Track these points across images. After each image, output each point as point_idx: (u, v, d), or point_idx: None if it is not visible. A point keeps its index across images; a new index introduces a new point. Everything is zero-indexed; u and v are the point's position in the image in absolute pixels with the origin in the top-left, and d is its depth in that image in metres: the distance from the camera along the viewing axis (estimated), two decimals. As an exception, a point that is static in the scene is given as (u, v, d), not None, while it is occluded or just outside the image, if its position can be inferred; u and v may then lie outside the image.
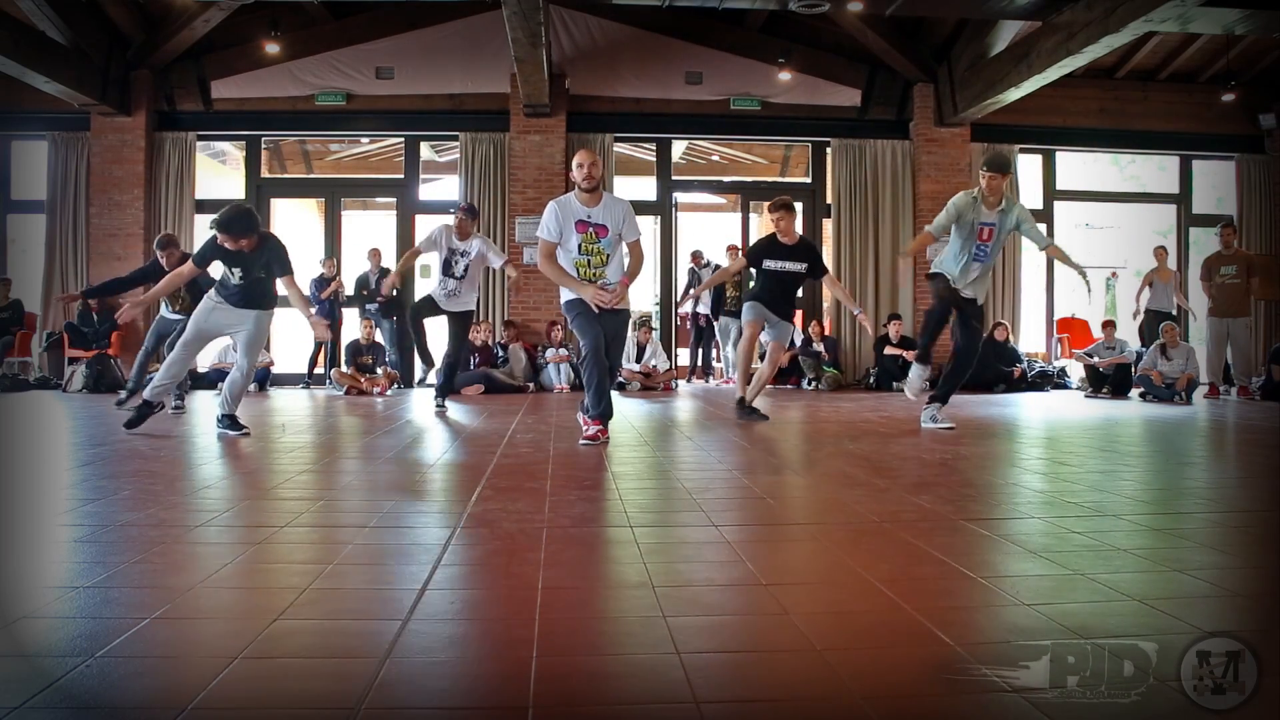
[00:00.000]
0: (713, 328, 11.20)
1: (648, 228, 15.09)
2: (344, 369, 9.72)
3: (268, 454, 4.80)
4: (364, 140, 12.65)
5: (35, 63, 8.97)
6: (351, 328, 10.45)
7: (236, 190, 11.53)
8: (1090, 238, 13.52)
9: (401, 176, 11.43)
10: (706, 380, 11.22)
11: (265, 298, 5.41)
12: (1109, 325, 10.17)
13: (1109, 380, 9.77)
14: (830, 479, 4.01)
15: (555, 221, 4.84)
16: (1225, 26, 8.46)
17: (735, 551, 2.53)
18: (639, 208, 12.08)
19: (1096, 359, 9.94)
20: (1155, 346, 9.45)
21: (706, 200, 15.21)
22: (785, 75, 10.88)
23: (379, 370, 9.77)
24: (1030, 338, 11.73)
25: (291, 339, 10.88)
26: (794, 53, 10.90)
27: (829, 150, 11.34)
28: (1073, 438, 5.62)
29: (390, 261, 10.94)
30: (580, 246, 4.81)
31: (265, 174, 11.37)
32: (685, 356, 11.80)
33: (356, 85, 10.83)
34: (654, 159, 11.63)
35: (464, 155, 10.89)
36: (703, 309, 11.34)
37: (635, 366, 10.31)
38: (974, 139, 11.19)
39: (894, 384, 10.39)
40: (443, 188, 13.42)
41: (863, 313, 6.88)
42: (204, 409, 7.30)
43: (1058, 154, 11.70)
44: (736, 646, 1.82)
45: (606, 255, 4.89)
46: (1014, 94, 9.92)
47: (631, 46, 10.90)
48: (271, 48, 10.26)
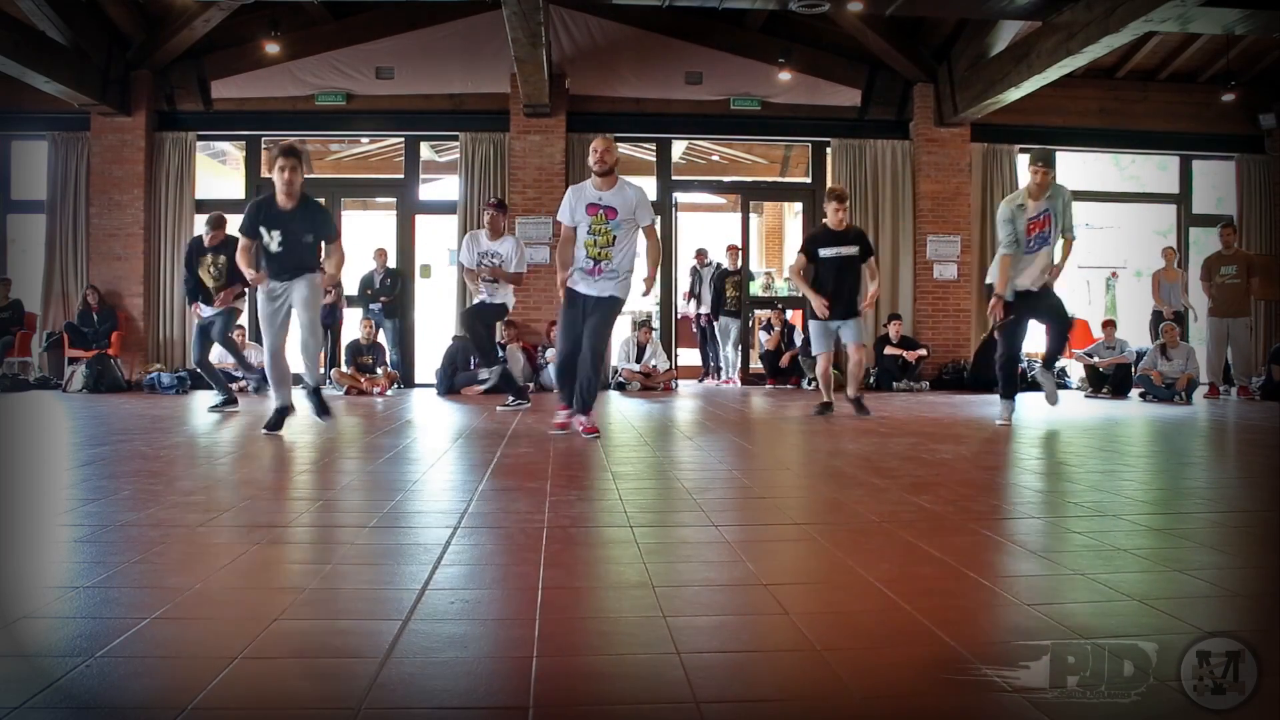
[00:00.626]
0: (714, 328, 11.19)
1: (647, 228, 15.12)
2: (344, 369, 9.73)
3: (268, 454, 4.80)
4: (364, 140, 12.66)
5: (35, 63, 8.97)
6: (352, 328, 10.45)
7: (237, 190, 11.53)
8: (1090, 238, 13.51)
9: (401, 176, 11.43)
10: (716, 380, 11.21)
11: (306, 263, 5.33)
12: (1109, 325, 10.18)
13: (1109, 380, 9.78)
14: (830, 479, 4.01)
15: (569, 206, 5.12)
16: (1225, 26, 8.46)
17: (735, 551, 2.53)
18: (639, 208, 12.14)
19: (1096, 359, 9.95)
20: (1155, 346, 9.46)
21: (706, 200, 15.21)
22: (785, 75, 10.88)
23: (379, 370, 9.78)
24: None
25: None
26: (794, 53, 10.90)
27: (829, 150, 11.33)
28: (1073, 438, 5.62)
29: (394, 261, 10.95)
30: (590, 227, 5.01)
31: (265, 174, 11.35)
32: (693, 357, 11.78)
33: (356, 85, 10.83)
34: (654, 159, 11.63)
35: (464, 155, 10.88)
36: (703, 309, 11.34)
37: (635, 366, 10.31)
38: (974, 139, 11.19)
39: (894, 384, 10.39)
40: (443, 188, 13.43)
41: (868, 304, 7.03)
42: (206, 409, 7.30)
43: (1058, 154, 11.64)
44: (736, 646, 1.82)
45: (614, 236, 5.05)
46: (1014, 94, 9.92)
47: (631, 46, 10.90)
48: (271, 48, 10.26)
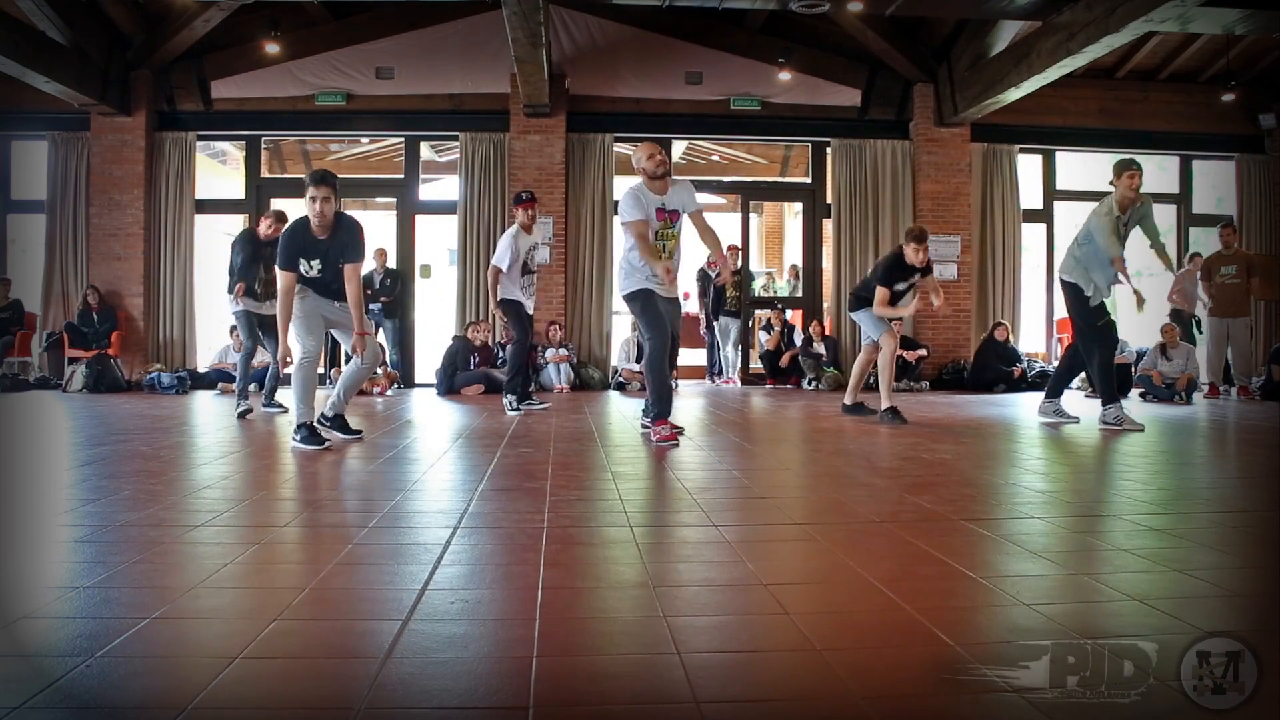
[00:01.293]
0: (714, 328, 11.18)
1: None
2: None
3: (268, 454, 4.80)
4: (364, 140, 12.65)
5: (35, 63, 8.97)
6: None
7: (236, 190, 11.54)
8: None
9: (401, 176, 11.43)
10: (718, 380, 11.20)
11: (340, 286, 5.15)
12: (1109, 325, 10.14)
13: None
14: (830, 479, 4.01)
15: (639, 204, 4.98)
16: (1225, 26, 8.46)
17: (735, 551, 2.53)
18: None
19: (1096, 359, 9.92)
20: (1155, 347, 9.45)
21: (706, 200, 15.13)
22: (785, 75, 10.88)
23: (379, 370, 9.77)
24: (1030, 338, 11.72)
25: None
26: (794, 53, 10.90)
27: (829, 150, 11.33)
28: (1073, 438, 5.62)
29: (394, 262, 10.95)
30: (658, 233, 4.97)
31: (265, 174, 11.37)
32: (699, 357, 11.76)
33: (356, 85, 10.83)
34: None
35: (464, 155, 10.88)
36: (698, 311, 11.32)
37: (635, 366, 10.31)
38: (974, 139, 11.19)
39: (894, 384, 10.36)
40: (443, 188, 13.43)
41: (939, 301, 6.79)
42: (209, 409, 7.29)
43: (1058, 154, 11.69)
44: (736, 646, 1.82)
45: (678, 239, 5.10)
46: (1014, 94, 9.92)
47: (631, 46, 10.90)
48: (271, 48, 10.26)
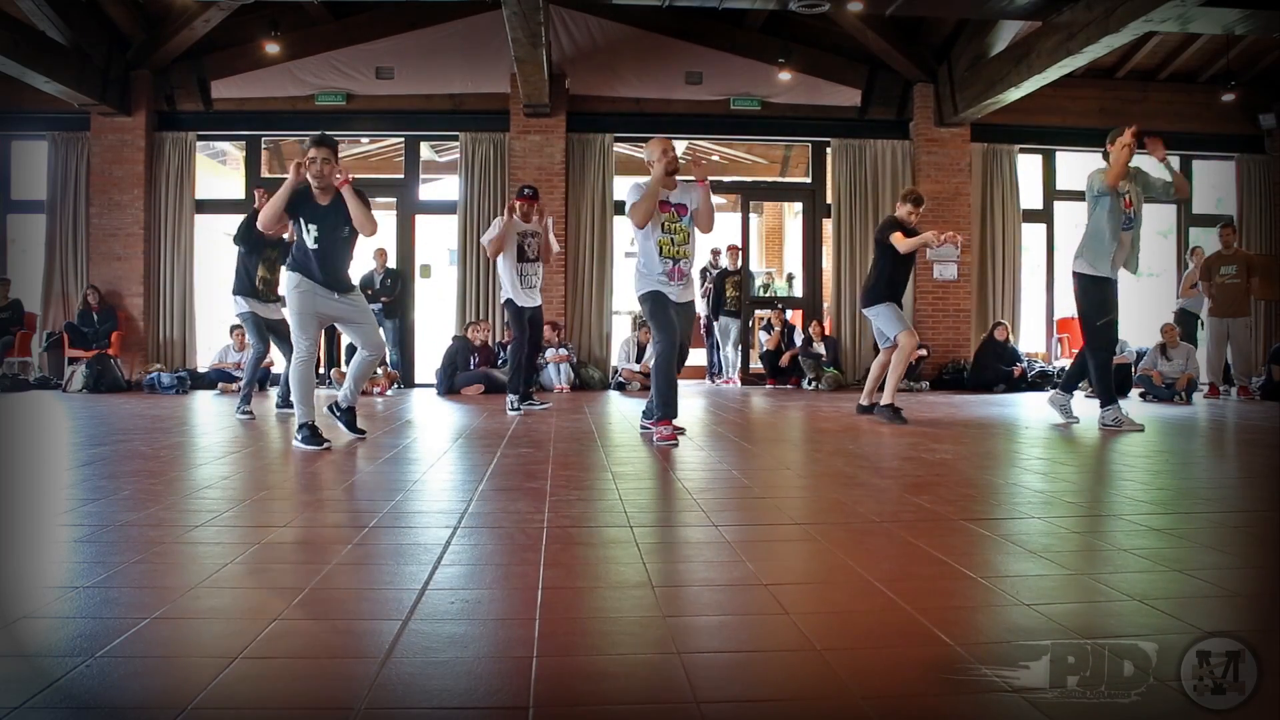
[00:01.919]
0: (714, 328, 11.18)
1: (648, 228, 15.10)
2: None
3: (268, 454, 4.80)
4: (364, 140, 12.66)
5: (35, 63, 8.97)
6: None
7: (236, 190, 11.54)
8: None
9: (401, 176, 11.43)
10: (718, 380, 11.19)
11: (345, 275, 4.96)
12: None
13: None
14: (830, 479, 4.01)
15: (636, 195, 5.11)
16: (1225, 26, 8.46)
17: (735, 551, 2.53)
18: (639, 208, 12.10)
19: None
20: (1155, 347, 9.45)
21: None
22: (785, 75, 10.88)
23: (379, 370, 9.77)
24: (1030, 338, 11.72)
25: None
26: (794, 53, 10.90)
27: (829, 150, 11.33)
28: (1073, 438, 5.62)
29: (394, 262, 10.96)
30: (665, 226, 5.09)
31: (265, 174, 11.36)
32: (699, 357, 11.76)
33: (356, 85, 10.83)
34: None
35: (464, 155, 10.89)
36: (702, 308, 11.31)
37: (635, 366, 10.32)
38: (974, 139, 11.20)
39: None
40: (443, 188, 13.43)
41: (949, 236, 6.62)
42: (209, 409, 7.29)
43: (1058, 154, 11.69)
44: (736, 646, 1.82)
45: (688, 234, 5.18)
46: (1014, 94, 9.92)
47: (631, 46, 10.91)
48: (271, 48, 10.27)
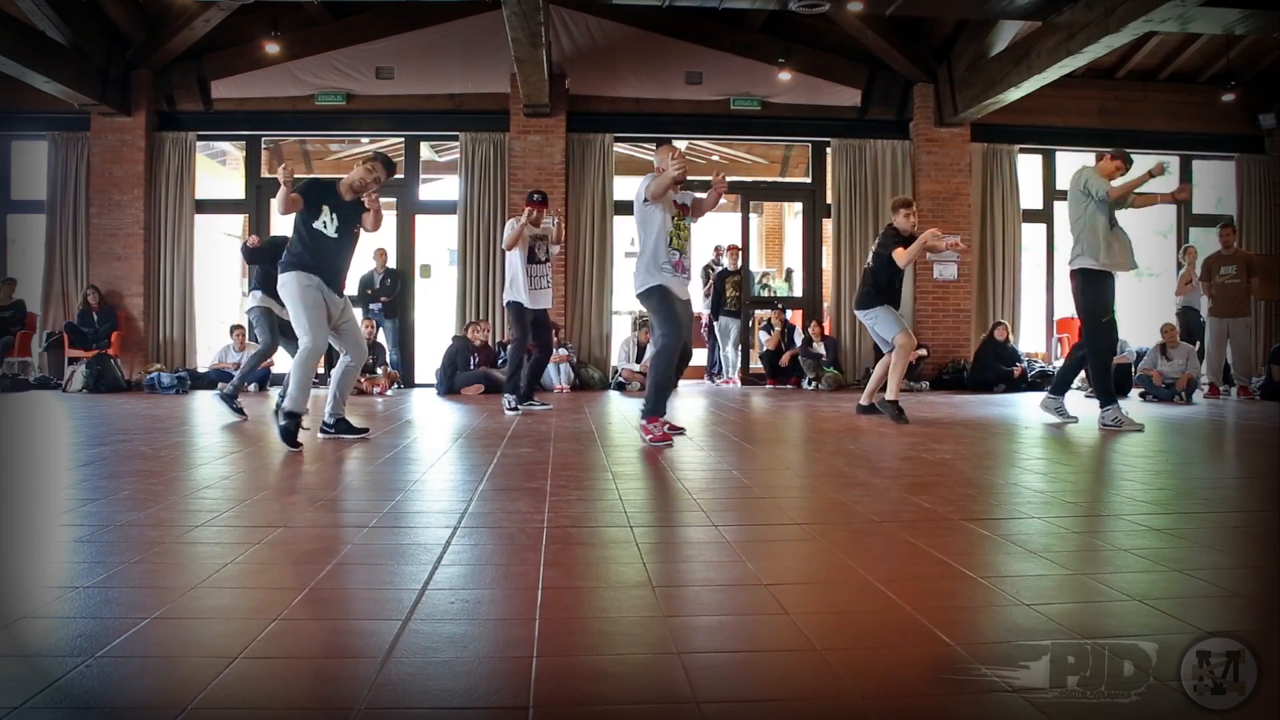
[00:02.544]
0: (714, 328, 11.18)
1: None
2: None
3: (268, 454, 4.80)
4: (364, 140, 12.65)
5: (35, 63, 8.97)
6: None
7: (236, 190, 11.54)
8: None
9: (401, 176, 11.41)
10: (718, 380, 11.19)
11: (343, 278, 5.08)
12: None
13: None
14: (830, 479, 4.01)
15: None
16: (1225, 26, 8.46)
17: (735, 551, 2.53)
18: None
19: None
20: (1155, 346, 9.45)
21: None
22: (785, 75, 10.88)
23: (379, 370, 9.78)
24: (1030, 338, 11.72)
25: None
26: (794, 53, 10.90)
27: (829, 150, 11.33)
28: (1073, 438, 5.62)
29: (394, 262, 10.95)
30: (672, 219, 5.28)
31: (265, 174, 11.36)
32: (701, 357, 11.75)
33: (356, 85, 10.83)
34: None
35: (464, 155, 10.89)
36: (703, 308, 11.30)
37: (635, 366, 10.32)
38: (974, 139, 11.20)
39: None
40: (443, 188, 13.44)
41: (951, 242, 6.80)
42: (209, 409, 7.29)
43: (1058, 154, 11.69)
44: (736, 646, 1.82)
45: (689, 231, 5.42)
46: (1014, 94, 9.92)
47: (631, 46, 10.91)
48: (271, 48, 10.27)
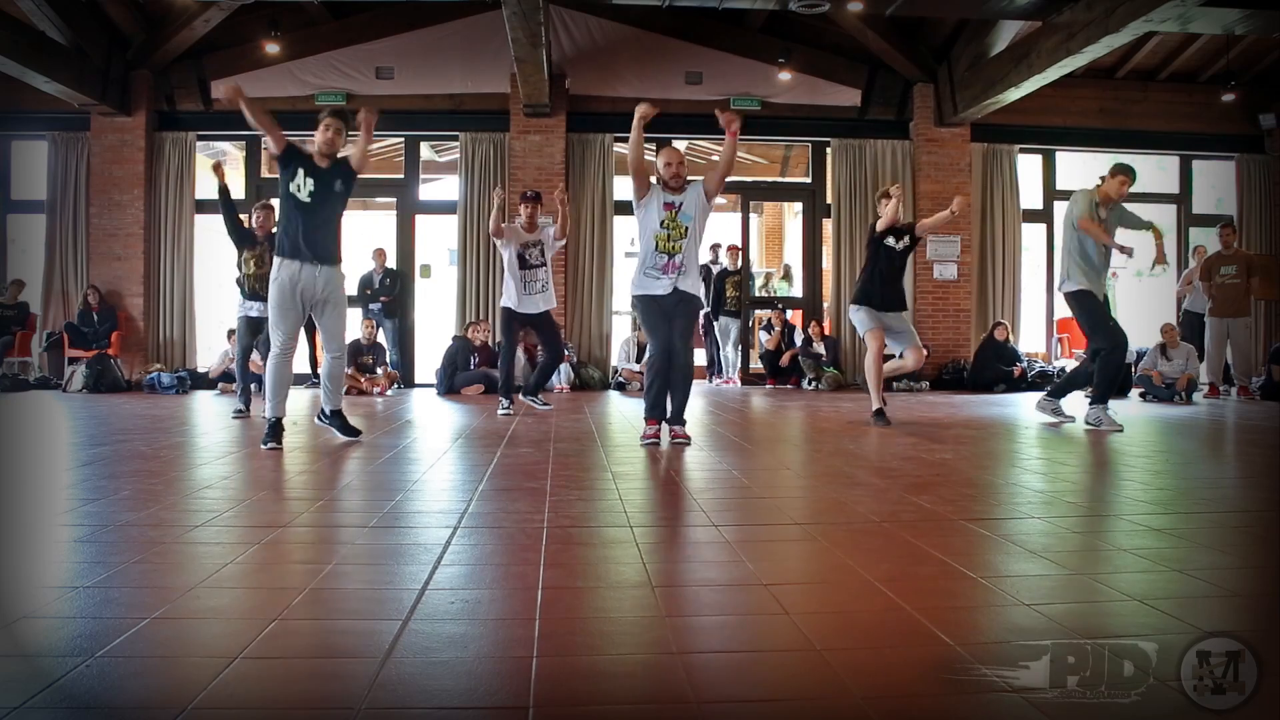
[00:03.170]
0: (714, 328, 11.17)
1: (648, 228, 15.11)
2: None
3: (268, 454, 4.80)
4: (364, 140, 12.63)
5: (35, 63, 8.97)
6: (352, 328, 10.43)
7: (236, 190, 11.51)
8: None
9: (401, 176, 11.43)
10: (718, 380, 11.18)
11: (336, 244, 4.81)
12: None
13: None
14: (830, 479, 4.01)
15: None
16: (1225, 26, 8.46)
17: (735, 551, 2.53)
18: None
19: (1096, 359, 9.91)
20: (1155, 347, 9.45)
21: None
22: (785, 75, 10.88)
23: (379, 370, 9.78)
24: (1030, 338, 11.72)
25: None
26: (794, 53, 10.90)
27: (829, 150, 11.33)
28: (1074, 438, 5.62)
29: (394, 262, 10.95)
30: (662, 222, 5.10)
31: (265, 174, 11.36)
32: (701, 357, 11.73)
33: (356, 85, 10.83)
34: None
35: (464, 155, 10.88)
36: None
37: (635, 366, 10.31)
38: (974, 139, 11.19)
39: (894, 384, 10.37)
40: (443, 188, 13.42)
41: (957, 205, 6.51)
42: (209, 409, 7.29)
43: (1058, 154, 11.69)
44: (736, 646, 1.82)
45: (685, 229, 5.10)
46: (1014, 94, 9.92)
47: (631, 46, 10.90)
48: (271, 48, 10.26)
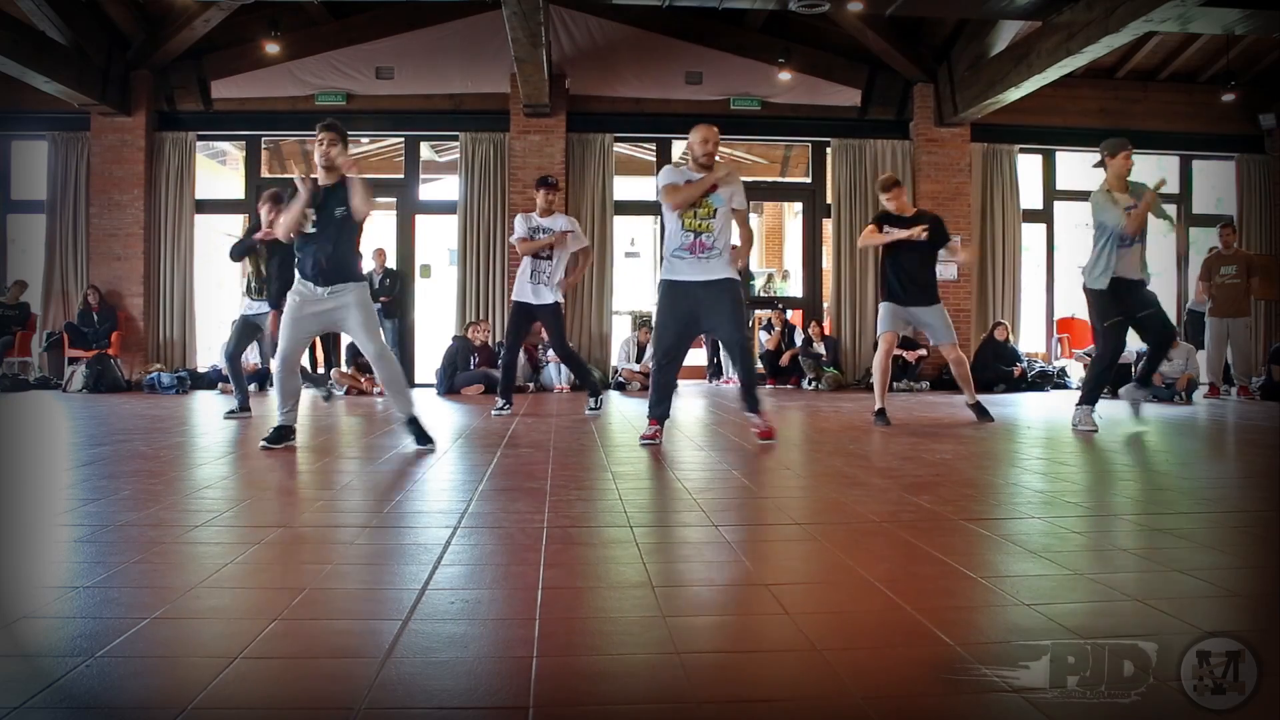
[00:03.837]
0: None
1: (648, 228, 15.11)
2: (344, 369, 9.72)
3: (268, 454, 4.79)
4: (364, 140, 12.64)
5: (35, 63, 8.96)
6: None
7: (236, 190, 11.53)
8: (1090, 238, 13.50)
9: (401, 176, 11.42)
10: (719, 380, 11.16)
11: (349, 263, 4.78)
12: (1109, 325, 10.13)
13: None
14: (830, 479, 4.01)
15: (673, 177, 4.97)
16: (1225, 26, 8.46)
17: (735, 551, 2.53)
18: (638, 207, 12.14)
19: (1096, 359, 9.91)
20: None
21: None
22: (785, 75, 10.87)
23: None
24: (1030, 338, 11.72)
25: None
26: (794, 53, 10.89)
27: (829, 150, 11.33)
28: (1073, 438, 5.62)
29: (394, 262, 10.94)
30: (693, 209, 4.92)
31: (265, 174, 11.36)
32: (699, 357, 11.72)
33: (356, 85, 10.83)
34: (654, 159, 11.63)
35: (464, 155, 10.88)
36: None
37: (635, 366, 10.31)
38: (974, 139, 11.19)
39: (894, 384, 10.37)
40: (443, 188, 13.43)
41: (963, 250, 6.33)
42: (209, 409, 7.29)
43: (1058, 154, 11.69)
44: (736, 646, 1.82)
45: (715, 209, 4.89)
46: (1014, 94, 9.91)
47: (631, 46, 10.90)
48: (271, 48, 10.26)
